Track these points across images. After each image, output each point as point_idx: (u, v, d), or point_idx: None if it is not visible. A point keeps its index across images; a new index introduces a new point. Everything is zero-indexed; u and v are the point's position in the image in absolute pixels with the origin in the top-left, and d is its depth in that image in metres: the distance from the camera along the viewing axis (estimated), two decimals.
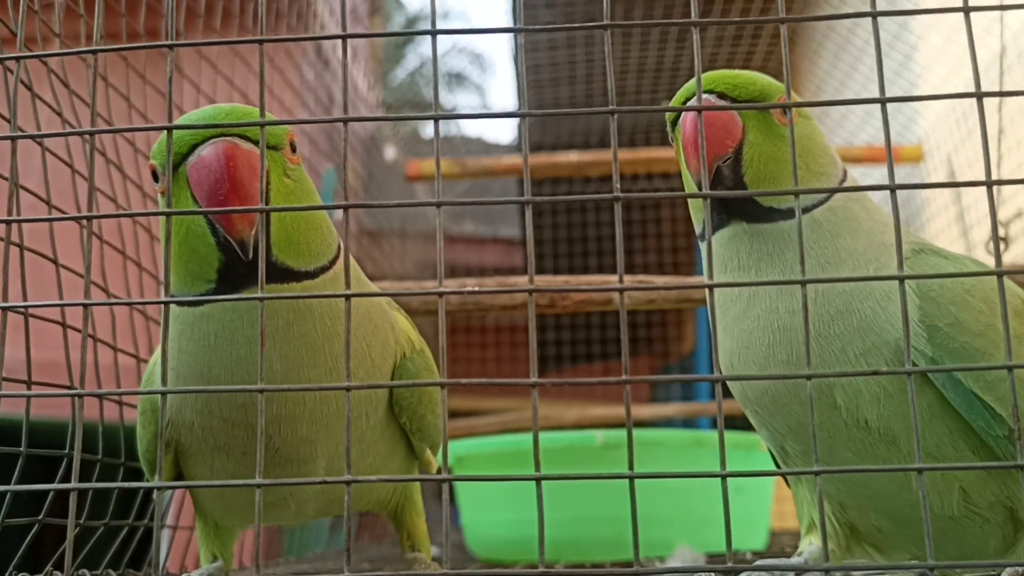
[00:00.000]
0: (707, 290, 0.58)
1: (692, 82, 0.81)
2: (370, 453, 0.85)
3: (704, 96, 0.80)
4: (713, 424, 3.31)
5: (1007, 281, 0.78)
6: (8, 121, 0.63)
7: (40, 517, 0.89)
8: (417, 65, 10.10)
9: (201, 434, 0.78)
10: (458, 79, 10.13)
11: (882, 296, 0.74)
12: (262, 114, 0.59)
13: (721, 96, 0.79)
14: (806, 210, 0.78)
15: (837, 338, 0.74)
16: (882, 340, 0.73)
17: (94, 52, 0.62)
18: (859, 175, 2.81)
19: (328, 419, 0.78)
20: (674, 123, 0.83)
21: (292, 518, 0.90)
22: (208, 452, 0.79)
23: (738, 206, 0.79)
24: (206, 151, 0.71)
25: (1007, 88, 2.09)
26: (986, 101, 2.56)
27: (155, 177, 0.76)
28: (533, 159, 2.74)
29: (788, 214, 0.78)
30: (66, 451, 0.93)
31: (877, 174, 2.89)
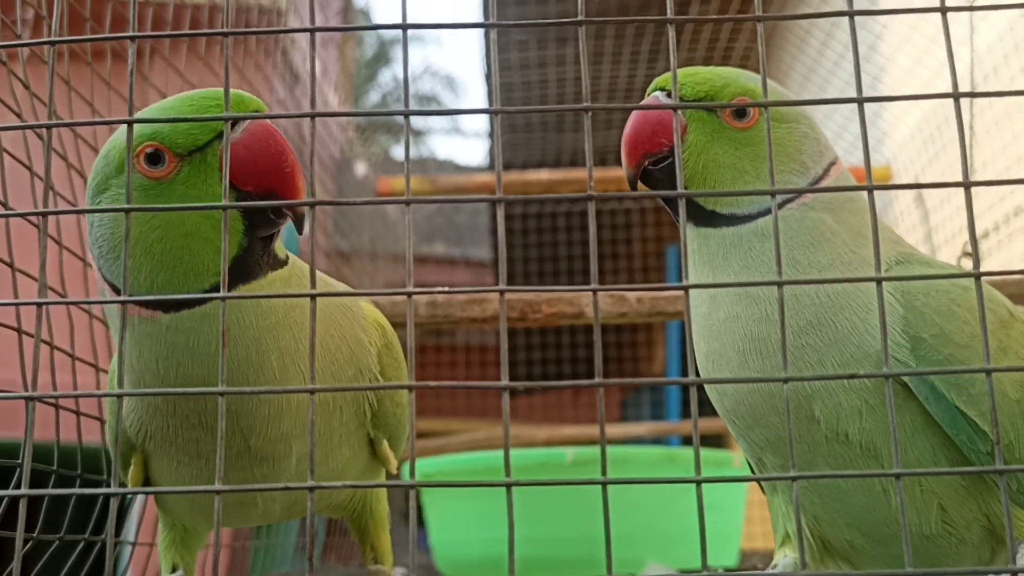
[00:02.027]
0: (684, 291, 0.56)
1: (657, 80, 0.80)
2: (336, 455, 0.82)
3: (655, 94, 0.79)
4: (683, 442, 3.30)
5: (994, 291, 0.77)
6: None
7: None
8: (389, 87, 10.11)
9: (174, 437, 0.76)
10: (430, 102, 10.14)
11: (861, 307, 0.72)
12: (227, 108, 0.58)
13: (669, 95, 0.77)
14: (748, 218, 0.75)
15: (812, 349, 0.72)
16: (863, 352, 0.71)
17: (53, 43, 0.60)
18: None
19: (305, 416, 0.76)
20: None
21: (260, 518, 0.88)
22: (182, 457, 0.77)
23: (680, 207, 0.77)
24: (253, 126, 0.69)
25: (978, 104, 2.11)
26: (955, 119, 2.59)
27: (155, 159, 0.70)
28: (504, 177, 2.74)
29: (730, 220, 0.76)
30: (18, 461, 0.89)
31: None
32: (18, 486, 0.88)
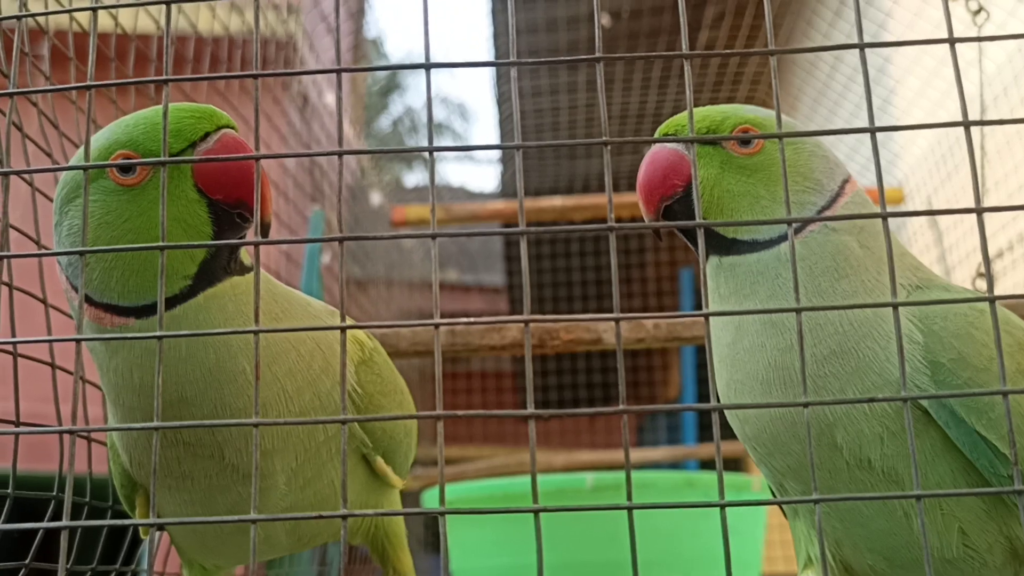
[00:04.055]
0: (704, 319, 0.57)
1: (661, 128, 0.81)
2: (328, 469, 0.81)
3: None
4: (701, 467, 3.29)
5: (1011, 314, 0.78)
6: None
7: (27, 561, 0.87)
8: (400, 114, 10.18)
9: (160, 461, 0.74)
10: (441, 129, 10.20)
11: (882, 335, 0.72)
12: (257, 148, 0.60)
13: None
14: (771, 243, 0.76)
15: (835, 378, 0.72)
16: (884, 380, 0.72)
17: (88, 88, 0.62)
18: None
19: (286, 428, 0.75)
20: None
21: (266, 549, 0.87)
22: (171, 482, 0.75)
23: (699, 237, 0.78)
24: (225, 138, 0.71)
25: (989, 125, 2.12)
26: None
27: (127, 167, 0.70)
28: (517, 205, 2.76)
29: (753, 246, 0.76)
30: (54, 493, 0.91)
31: None
32: (55, 518, 0.90)
